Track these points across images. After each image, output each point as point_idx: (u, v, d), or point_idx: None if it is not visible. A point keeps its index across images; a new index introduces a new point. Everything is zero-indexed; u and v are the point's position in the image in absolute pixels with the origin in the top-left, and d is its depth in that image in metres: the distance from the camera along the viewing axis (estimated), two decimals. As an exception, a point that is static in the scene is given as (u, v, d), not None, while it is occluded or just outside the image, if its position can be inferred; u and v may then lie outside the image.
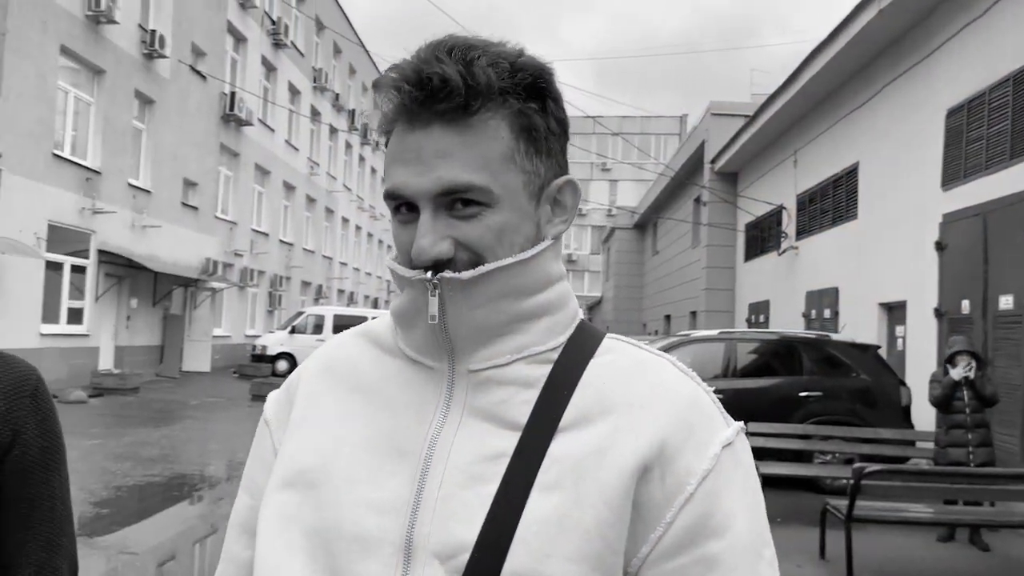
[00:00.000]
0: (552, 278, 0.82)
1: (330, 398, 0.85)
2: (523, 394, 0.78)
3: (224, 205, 23.69)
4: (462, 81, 0.73)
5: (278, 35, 26.16)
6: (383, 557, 0.73)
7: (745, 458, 0.79)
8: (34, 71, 14.42)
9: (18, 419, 1.19)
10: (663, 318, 31.63)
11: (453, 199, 0.76)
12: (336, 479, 0.78)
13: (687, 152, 26.44)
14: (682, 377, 0.81)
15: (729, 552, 0.73)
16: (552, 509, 0.72)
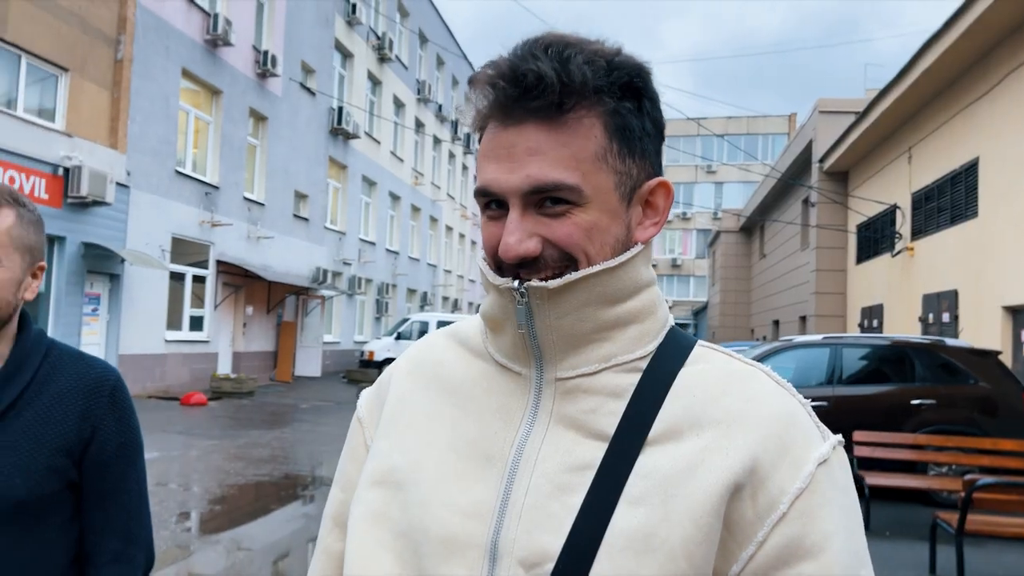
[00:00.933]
0: (641, 284, 0.80)
1: (420, 398, 0.86)
2: (611, 404, 0.77)
3: (333, 216, 24.60)
4: (557, 78, 0.72)
5: (383, 50, 26.99)
6: (468, 560, 0.74)
7: (842, 475, 0.76)
8: (158, 93, 15.43)
9: (97, 416, 1.31)
10: (771, 323, 30.66)
11: (542, 197, 0.75)
12: (424, 481, 0.79)
13: (794, 152, 25.57)
14: (776, 390, 0.79)
15: (826, 572, 0.71)
16: (638, 525, 0.71)
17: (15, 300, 1.28)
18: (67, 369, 1.32)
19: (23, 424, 1.25)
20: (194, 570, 5.42)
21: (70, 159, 12.91)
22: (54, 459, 1.25)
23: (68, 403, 1.29)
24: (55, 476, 1.26)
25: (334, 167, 24.55)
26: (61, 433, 1.27)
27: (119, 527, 1.34)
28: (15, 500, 1.21)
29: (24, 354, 1.30)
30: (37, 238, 1.33)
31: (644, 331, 0.80)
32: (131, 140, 14.62)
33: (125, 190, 14.41)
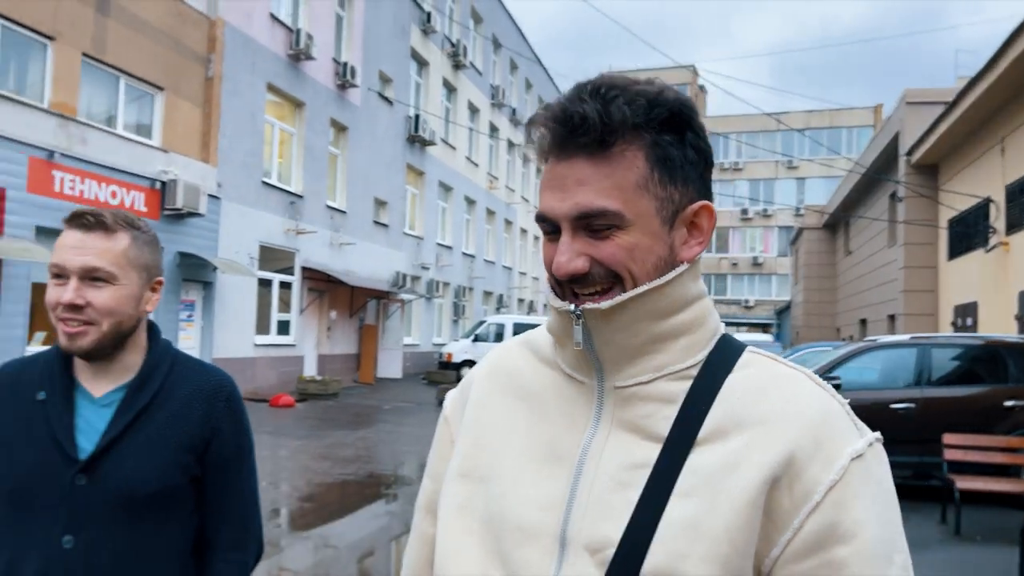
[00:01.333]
0: (689, 299, 0.89)
1: (497, 402, 0.97)
2: (665, 410, 0.86)
3: (411, 221, 25.11)
4: (599, 118, 0.82)
5: (457, 56, 27.40)
6: (542, 546, 0.85)
7: (877, 469, 0.83)
8: (245, 108, 16.10)
9: (216, 419, 1.48)
10: (858, 323, 29.71)
11: (589, 221, 0.84)
12: (503, 476, 0.91)
13: (880, 145, 24.73)
14: (815, 391, 0.86)
15: (856, 557, 0.78)
16: (688, 515, 0.80)
17: (136, 313, 1.44)
18: (191, 376, 1.50)
19: (155, 425, 1.42)
20: (285, 566, 5.64)
21: (166, 173, 13.62)
22: (181, 456, 1.43)
23: (192, 407, 1.46)
24: (181, 471, 1.43)
25: (412, 174, 25.05)
26: (186, 433, 1.44)
27: (235, 517, 1.51)
28: (150, 492, 1.38)
29: (154, 363, 1.47)
30: (153, 257, 1.49)
31: (694, 341, 0.89)
32: (221, 153, 15.31)
33: (216, 201, 15.09)
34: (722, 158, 52.30)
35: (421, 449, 10.94)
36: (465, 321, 29.25)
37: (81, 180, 12.11)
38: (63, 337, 1.39)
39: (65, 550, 1.34)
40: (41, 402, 1.40)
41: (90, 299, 1.38)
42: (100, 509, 1.36)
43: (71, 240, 1.40)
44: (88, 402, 1.43)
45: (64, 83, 12.02)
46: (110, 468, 1.37)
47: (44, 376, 1.43)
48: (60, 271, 1.39)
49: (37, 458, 1.36)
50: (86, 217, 1.41)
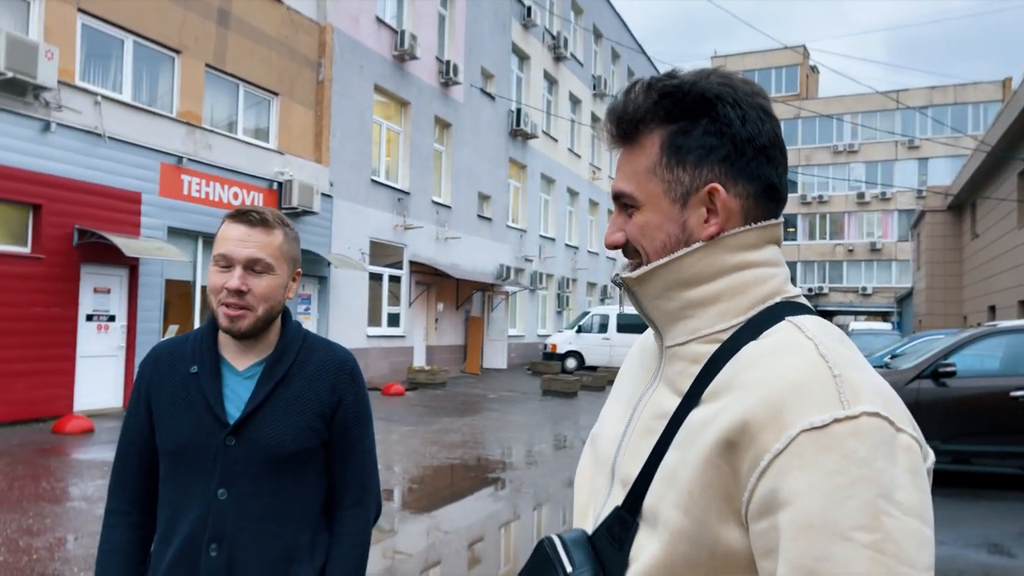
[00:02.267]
0: (724, 270, 0.96)
1: (629, 365, 1.17)
2: (691, 368, 0.96)
3: (514, 214, 25.41)
4: (619, 112, 0.99)
5: (558, 49, 27.46)
6: (605, 473, 1.05)
7: (847, 443, 0.79)
8: (354, 109, 16.76)
9: (342, 389, 1.69)
10: (987, 309, 28.02)
11: (621, 201, 1.01)
12: (608, 417, 1.12)
13: (1007, 120, 23.21)
14: (808, 362, 0.85)
15: (790, 524, 0.79)
16: (672, 464, 0.91)
17: (283, 299, 1.65)
18: (319, 352, 1.71)
19: (291, 394, 1.62)
20: (399, 548, 5.83)
21: (282, 174, 14.39)
22: (313, 421, 1.63)
23: (322, 378, 1.67)
24: (314, 434, 1.63)
25: (514, 167, 25.34)
26: (317, 400, 1.64)
27: (358, 477, 1.72)
28: (289, 452, 1.59)
29: (289, 341, 1.68)
30: (297, 251, 1.70)
31: (728, 308, 0.95)
32: (332, 154, 16.02)
33: (328, 200, 15.81)
34: (835, 140, 50.20)
35: (527, 436, 11.15)
36: (569, 312, 29.37)
37: (207, 183, 12.98)
38: (224, 319, 1.59)
39: (220, 500, 1.55)
40: (194, 374, 1.62)
41: (251, 286, 1.58)
42: (247, 466, 1.57)
43: (237, 233, 1.59)
44: (233, 374, 1.64)
45: (190, 93, 12.91)
46: (255, 431, 1.58)
47: (195, 352, 1.65)
48: (227, 261, 1.58)
49: (195, 422, 1.58)
50: (251, 215, 1.61)
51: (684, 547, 0.87)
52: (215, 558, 1.54)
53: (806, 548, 0.77)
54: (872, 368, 0.89)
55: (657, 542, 0.89)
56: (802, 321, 0.91)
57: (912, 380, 7.96)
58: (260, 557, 1.57)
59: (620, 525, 0.95)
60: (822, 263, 50.82)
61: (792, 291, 0.98)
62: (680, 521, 0.87)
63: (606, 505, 1.01)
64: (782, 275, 0.98)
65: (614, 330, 23.38)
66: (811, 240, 51.10)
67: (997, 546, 5.80)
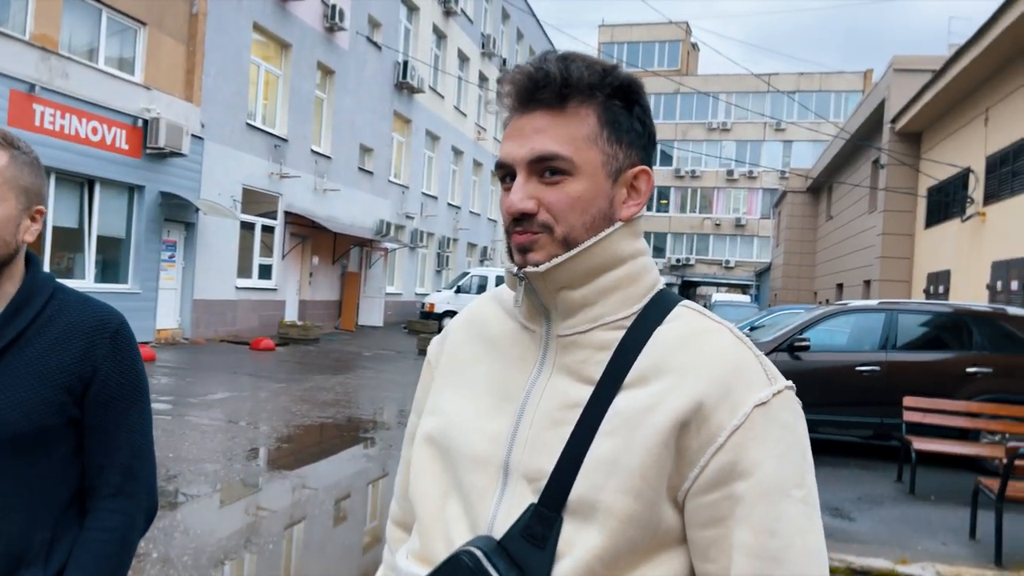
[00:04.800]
0: (626, 256, 0.98)
1: (467, 349, 1.09)
2: (598, 355, 0.96)
3: (397, 170, 24.97)
4: (560, 76, 0.94)
5: (448, 3, 26.95)
6: (488, 472, 0.97)
7: (782, 414, 0.90)
8: (231, 47, 15.86)
9: (98, 356, 1.35)
10: (835, 287, 30.12)
11: (543, 167, 0.94)
12: (464, 412, 1.03)
13: (866, 111, 24.79)
14: (733, 344, 0.95)
15: (750, 492, 0.87)
16: (608, 452, 0.90)
17: (14, 241, 1.30)
18: (71, 310, 1.36)
19: (24, 360, 1.29)
20: (262, 504, 5.73)
21: (148, 111, 13.47)
22: (54, 395, 1.29)
23: (70, 342, 1.33)
24: (54, 411, 1.29)
25: (398, 121, 24.84)
26: (61, 370, 1.31)
27: (119, 463, 1.38)
28: (11, 434, 1.25)
29: (28, 294, 1.33)
30: (33, 180, 1.33)
31: (628, 295, 0.98)
32: (205, 93, 15.13)
33: (199, 142, 14.95)
34: (711, 118, 52.07)
35: (401, 396, 11.10)
36: (448, 272, 29.32)
37: (62, 115, 11.96)
38: None
39: None
40: None
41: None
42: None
43: None
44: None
45: (46, 14, 11.79)
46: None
47: None
48: None
49: None
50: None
51: (633, 532, 0.89)
52: None
53: (766, 511, 0.87)
54: None
55: (597, 532, 0.89)
56: (694, 306, 1.00)
57: (770, 352, 8.43)
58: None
59: (541, 523, 0.91)
60: (691, 235, 52.93)
61: (662, 279, 1.05)
62: (630, 507, 0.88)
63: (503, 505, 0.95)
64: (654, 264, 1.04)
65: (491, 292, 23.50)
66: (682, 213, 53.04)
67: (838, 510, 6.27)
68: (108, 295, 13.14)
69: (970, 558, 5.19)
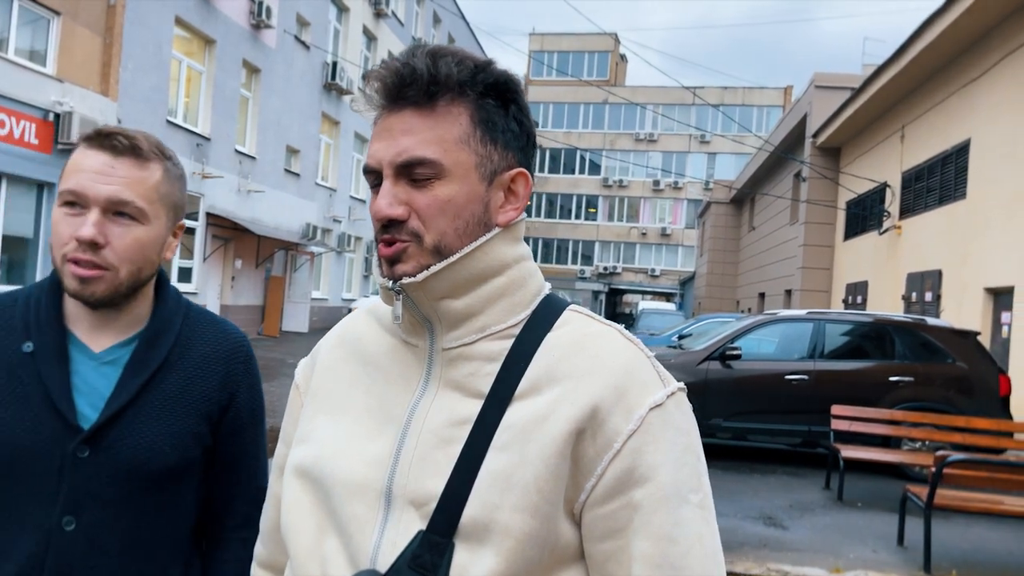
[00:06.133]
0: (507, 262, 0.92)
1: (342, 368, 1.00)
2: (487, 367, 0.89)
3: (324, 172, 24.48)
4: (427, 72, 0.86)
5: (379, 5, 26.62)
6: (367, 500, 0.87)
7: (676, 417, 0.87)
8: (151, 41, 15.22)
9: (235, 382, 1.30)
10: (757, 296, 30.92)
11: (411, 169, 0.87)
12: (340, 437, 0.93)
13: (788, 125, 25.56)
14: (624, 346, 0.90)
15: (649, 499, 0.83)
16: (502, 467, 0.83)
17: (158, 260, 1.23)
18: (205, 332, 1.30)
19: (169, 389, 1.21)
20: None
21: (61, 104, 12.77)
22: (197, 424, 1.23)
23: (210, 368, 1.26)
24: (196, 441, 1.23)
25: (327, 123, 24.36)
26: (204, 398, 1.24)
27: (249, 491, 1.32)
28: (165, 467, 1.18)
29: (167, 315, 1.26)
30: (181, 195, 1.27)
31: (514, 303, 0.92)
32: (123, 87, 14.46)
33: (116, 138, 14.25)
34: (638, 128, 52.94)
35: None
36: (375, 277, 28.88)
37: (-35, 105, 11.22)
38: (72, 280, 1.14)
39: (65, 532, 1.12)
40: (28, 355, 1.15)
41: (112, 238, 1.14)
42: (106, 486, 1.15)
43: (95, 163, 1.14)
44: (86, 358, 1.19)
45: (-53, -2, 11.05)
46: (119, 438, 1.15)
47: (29, 323, 1.18)
48: (77, 199, 1.13)
49: (29, 423, 1.13)
50: (117, 138, 1.16)
51: (531, 551, 0.82)
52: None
53: (665, 518, 0.83)
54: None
55: (493, 555, 0.81)
56: (582, 310, 0.96)
57: (702, 361, 8.49)
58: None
59: (430, 550, 0.82)
60: (618, 244, 53.65)
61: (547, 284, 0.99)
62: (527, 524, 0.82)
63: (387, 534, 0.85)
64: (538, 269, 0.98)
65: (420, 298, 23.29)
66: (609, 221, 53.74)
67: (772, 518, 6.31)
68: (13, 298, 12.39)
69: (900, 565, 5.28)
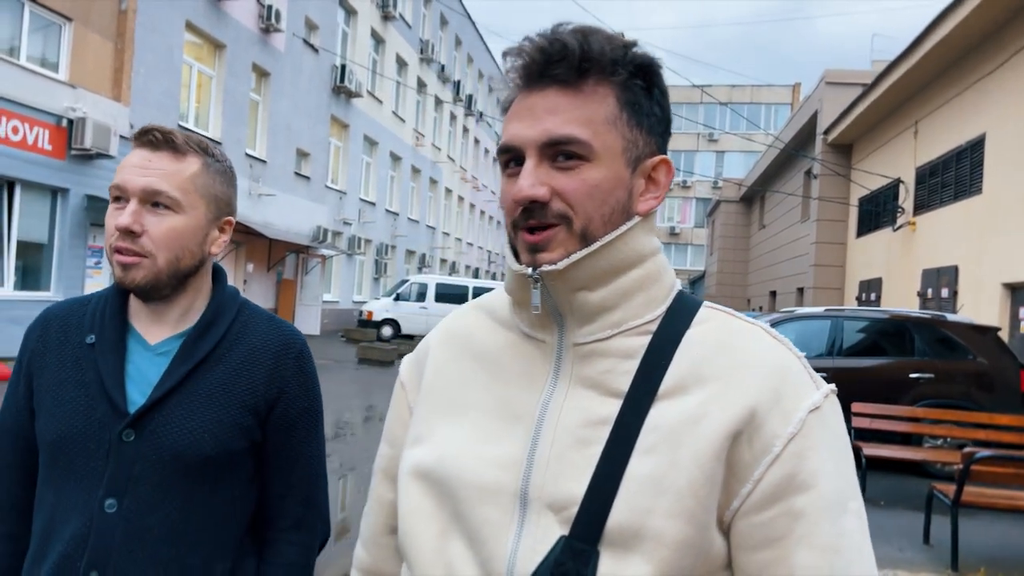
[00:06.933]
0: (645, 254, 0.88)
1: (454, 367, 0.96)
2: (624, 364, 0.86)
3: (334, 175, 24.50)
4: (579, 48, 0.82)
5: (387, 7, 26.63)
6: (501, 504, 0.84)
7: (832, 420, 0.83)
8: (162, 46, 15.26)
9: (284, 378, 1.32)
10: (768, 294, 30.80)
11: (556, 151, 0.83)
12: (461, 438, 0.90)
13: (798, 123, 25.46)
14: (774, 345, 0.86)
15: (812, 506, 0.79)
16: (650, 471, 0.80)
17: (200, 251, 1.28)
18: (258, 328, 1.34)
19: (215, 379, 1.26)
20: None
21: (74, 110, 12.82)
22: (242, 417, 1.27)
23: (258, 362, 1.30)
24: (240, 434, 1.27)
25: (336, 126, 24.38)
26: (250, 391, 1.28)
27: (301, 492, 1.35)
28: (204, 456, 1.23)
29: (218, 310, 1.32)
30: (225, 189, 1.32)
31: (651, 297, 0.89)
32: (134, 93, 14.51)
33: (128, 143, 14.26)
34: (646, 127, 52.90)
35: (338, 407, 10.79)
36: (387, 279, 28.89)
37: (-21, 112, 11.27)
38: (116, 268, 1.23)
39: (107, 514, 1.18)
40: (90, 346, 1.25)
41: (148, 226, 1.22)
42: (148, 471, 1.20)
43: (135, 159, 1.24)
44: (142, 348, 1.27)
45: (-39, 5, 11.10)
46: (161, 424, 1.22)
47: (95, 318, 1.28)
48: (120, 192, 1.23)
49: (83, 408, 1.22)
50: (153, 134, 1.25)
51: (685, 560, 0.79)
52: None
53: (829, 527, 0.79)
54: None
55: (644, 563, 0.77)
56: (719, 307, 0.92)
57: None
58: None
59: (574, 558, 0.78)
60: (627, 243, 53.64)
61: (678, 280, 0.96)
62: (682, 532, 0.78)
63: (524, 540, 0.82)
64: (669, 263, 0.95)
65: (432, 299, 23.30)
66: (619, 221, 53.75)
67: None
68: (28, 303, 12.43)
69: (928, 563, 5.23)
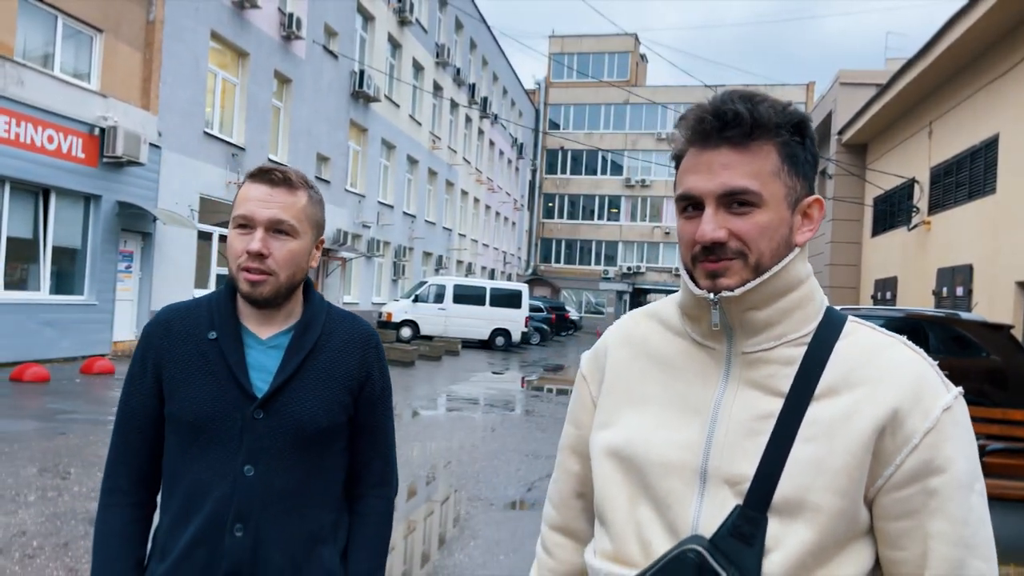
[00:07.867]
0: (802, 277, 1.08)
1: (633, 365, 1.18)
2: (785, 370, 1.06)
3: (353, 178, 24.82)
4: (749, 116, 1.03)
5: (403, 13, 26.94)
6: (684, 478, 1.06)
7: (962, 416, 1.02)
8: (188, 55, 15.63)
9: (369, 363, 1.64)
10: (783, 293, 30.86)
11: (732, 199, 1.03)
12: (645, 426, 1.12)
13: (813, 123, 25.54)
14: (911, 355, 1.06)
15: (945, 486, 0.99)
16: (811, 455, 1.00)
17: (306, 267, 1.58)
18: (344, 324, 1.65)
19: (320, 366, 1.56)
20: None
21: (105, 119, 13.19)
22: (342, 395, 1.57)
23: (350, 352, 1.61)
24: (342, 409, 1.58)
25: (355, 130, 24.71)
26: (347, 375, 1.59)
27: (382, 455, 1.69)
28: (319, 428, 1.53)
29: (315, 311, 1.62)
30: (322, 216, 1.62)
31: (807, 314, 1.09)
32: (162, 101, 14.87)
33: (156, 150, 14.69)
34: (659, 128, 52.94)
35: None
36: (404, 281, 29.20)
37: (17, 123, 11.66)
38: (245, 284, 1.50)
39: (247, 478, 1.47)
40: (213, 341, 1.52)
41: (273, 250, 1.50)
42: (275, 442, 1.49)
43: (258, 193, 1.51)
44: (256, 343, 1.55)
45: (1, 21, 11.49)
46: (285, 404, 1.50)
47: (213, 317, 1.55)
48: (247, 222, 1.50)
49: (216, 392, 1.49)
50: (274, 173, 1.52)
51: (839, 526, 1.00)
52: (240, 538, 1.46)
53: (960, 503, 0.99)
54: None
55: (807, 528, 0.99)
56: (861, 321, 1.11)
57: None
58: (286, 537, 1.50)
59: (748, 523, 1.01)
60: (641, 244, 53.63)
61: (824, 297, 1.14)
62: (837, 503, 0.99)
63: (705, 508, 1.04)
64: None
65: (451, 300, 23.55)
66: (632, 221, 53.72)
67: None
68: (63, 307, 12.81)
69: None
